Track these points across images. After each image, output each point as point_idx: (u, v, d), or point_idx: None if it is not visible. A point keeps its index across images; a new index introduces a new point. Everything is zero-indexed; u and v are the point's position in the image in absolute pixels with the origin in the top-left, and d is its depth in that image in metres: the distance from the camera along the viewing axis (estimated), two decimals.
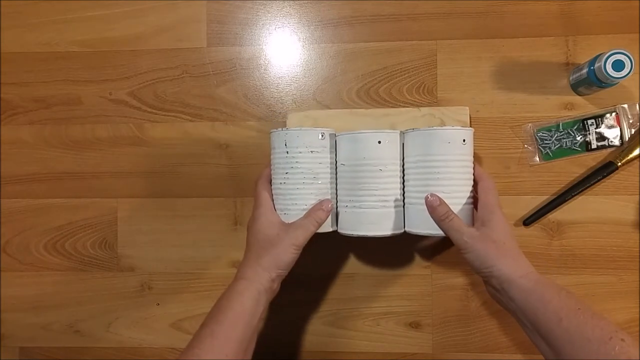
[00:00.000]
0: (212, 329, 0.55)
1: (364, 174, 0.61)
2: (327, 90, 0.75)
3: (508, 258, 0.55)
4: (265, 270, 0.58)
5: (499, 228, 0.57)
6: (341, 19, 0.75)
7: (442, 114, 0.71)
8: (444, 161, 0.59)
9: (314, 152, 0.61)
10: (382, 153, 0.61)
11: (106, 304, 0.77)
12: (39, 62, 0.78)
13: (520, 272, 0.55)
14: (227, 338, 0.55)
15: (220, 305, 0.57)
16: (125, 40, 0.77)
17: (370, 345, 0.74)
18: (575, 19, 0.73)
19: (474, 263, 0.56)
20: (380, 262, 0.74)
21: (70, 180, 0.77)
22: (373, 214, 0.61)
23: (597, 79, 0.66)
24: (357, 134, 0.61)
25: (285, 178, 0.62)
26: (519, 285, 0.54)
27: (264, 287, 0.58)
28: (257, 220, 0.61)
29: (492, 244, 0.56)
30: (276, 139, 0.62)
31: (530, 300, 0.53)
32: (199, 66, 0.76)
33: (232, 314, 0.56)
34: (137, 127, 0.77)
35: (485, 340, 0.73)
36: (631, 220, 0.71)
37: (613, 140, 0.71)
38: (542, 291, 0.53)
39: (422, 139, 0.60)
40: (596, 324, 0.50)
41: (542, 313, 0.52)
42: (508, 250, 0.56)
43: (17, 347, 0.78)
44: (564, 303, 0.52)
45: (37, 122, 0.78)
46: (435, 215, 0.58)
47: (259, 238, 0.60)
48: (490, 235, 0.56)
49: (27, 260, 0.77)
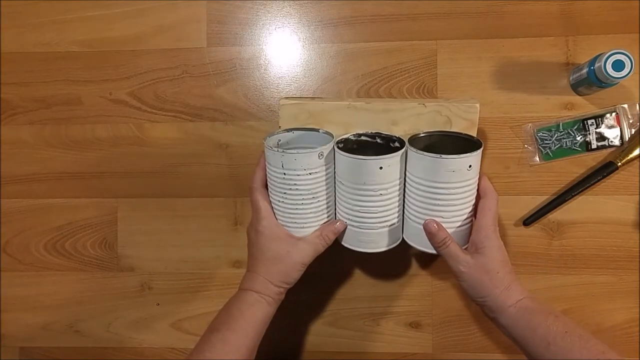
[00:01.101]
0: (224, 335, 0.56)
1: (364, 198, 0.59)
2: (327, 90, 0.75)
3: (500, 288, 0.57)
4: (276, 285, 0.60)
5: (493, 256, 0.57)
6: (341, 19, 0.75)
7: (449, 111, 0.63)
8: (446, 189, 0.57)
9: (312, 174, 0.59)
10: (382, 178, 0.58)
11: (106, 304, 0.77)
12: (39, 62, 0.78)
13: (511, 301, 0.56)
14: (239, 346, 0.57)
15: (231, 313, 0.59)
16: (125, 40, 0.77)
17: (370, 345, 0.74)
18: (575, 19, 0.73)
19: (467, 291, 0.59)
20: (380, 262, 0.74)
21: (70, 180, 0.77)
22: (373, 234, 0.61)
23: (597, 79, 0.66)
24: (358, 159, 0.57)
25: (284, 197, 0.60)
26: (508, 315, 0.56)
27: (274, 300, 0.60)
28: (262, 234, 0.60)
29: (486, 275, 0.57)
30: (272, 157, 0.59)
31: (518, 327, 0.55)
32: (199, 66, 0.76)
33: (244, 323, 0.58)
34: (137, 127, 0.77)
35: (485, 340, 0.73)
36: (631, 220, 0.71)
37: (613, 140, 0.71)
38: (530, 318, 0.55)
39: (426, 164, 0.57)
40: (583, 346, 0.52)
41: (530, 339, 0.54)
42: (500, 280, 0.57)
43: (17, 347, 0.78)
44: (551, 328, 0.53)
45: (37, 122, 0.78)
46: (434, 241, 0.59)
47: (267, 254, 0.60)
48: (484, 264, 0.57)
49: (27, 260, 0.77)
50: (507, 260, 0.58)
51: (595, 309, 0.71)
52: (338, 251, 0.74)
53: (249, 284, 0.60)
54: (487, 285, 0.56)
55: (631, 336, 0.71)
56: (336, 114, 0.64)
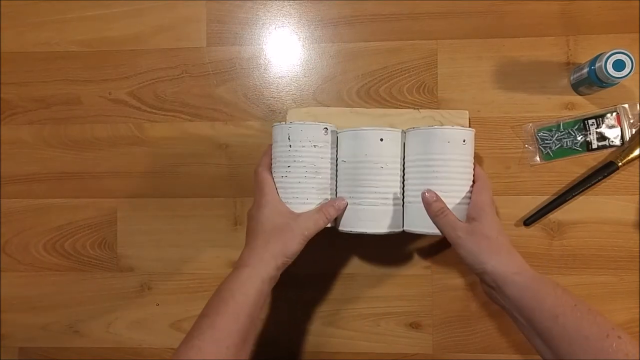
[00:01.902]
0: (213, 320, 0.54)
1: (365, 171, 0.61)
2: (327, 90, 0.75)
3: (501, 254, 0.55)
4: (273, 257, 0.57)
5: (490, 223, 0.56)
6: (341, 19, 0.75)
7: (441, 116, 0.71)
8: (443, 160, 0.59)
9: (316, 147, 0.62)
10: (383, 150, 0.61)
11: (106, 304, 0.76)
12: (39, 62, 0.78)
13: (514, 268, 0.54)
14: (229, 330, 0.53)
15: (221, 295, 0.56)
16: (124, 40, 0.77)
17: (370, 346, 0.74)
18: (575, 19, 0.72)
19: (467, 259, 0.56)
20: (380, 262, 0.74)
21: (69, 180, 0.77)
22: (372, 211, 0.61)
23: (598, 79, 0.66)
24: (360, 130, 0.62)
25: (287, 172, 0.62)
26: (513, 282, 0.53)
27: (269, 275, 0.57)
28: (264, 207, 0.60)
29: (485, 239, 0.55)
30: (279, 132, 0.62)
31: (525, 297, 0.53)
32: (198, 66, 0.76)
33: (234, 304, 0.54)
34: (137, 127, 0.77)
35: (486, 341, 0.73)
36: (632, 220, 0.71)
37: (614, 140, 0.71)
38: (538, 288, 0.53)
39: (422, 137, 0.61)
40: (593, 320, 0.50)
41: (538, 310, 0.52)
42: (501, 245, 0.56)
43: (17, 347, 0.77)
44: (560, 300, 0.51)
45: (36, 122, 0.78)
46: (431, 211, 0.58)
47: (266, 226, 0.59)
48: (481, 230, 0.56)
49: (26, 261, 0.77)
50: (504, 231, 0.57)
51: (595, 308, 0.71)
52: (338, 251, 0.74)
53: (242, 260, 0.58)
54: (486, 250, 0.55)
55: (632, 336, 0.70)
56: (339, 118, 0.70)
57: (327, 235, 0.63)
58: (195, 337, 0.53)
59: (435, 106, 0.73)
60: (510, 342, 0.72)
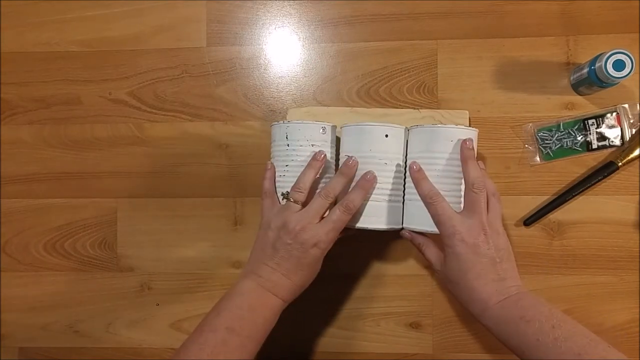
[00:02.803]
0: (242, 341, 0.55)
1: (369, 167, 0.61)
2: (327, 90, 0.75)
3: (487, 278, 0.56)
4: (300, 287, 0.61)
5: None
6: (341, 19, 0.75)
7: (441, 116, 0.71)
8: (445, 159, 0.59)
9: (314, 146, 0.62)
10: (388, 147, 0.61)
11: (106, 304, 0.76)
12: (39, 62, 0.78)
13: (496, 296, 0.55)
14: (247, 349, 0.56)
15: (254, 321, 0.57)
16: (124, 40, 0.77)
17: (371, 346, 0.74)
18: (575, 19, 0.72)
19: (453, 291, 0.59)
20: (380, 263, 0.74)
21: (69, 180, 0.77)
22: (375, 207, 0.61)
23: (598, 79, 0.66)
24: (364, 125, 0.61)
25: (285, 171, 0.62)
26: (493, 314, 0.55)
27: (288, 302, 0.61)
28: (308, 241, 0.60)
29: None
30: (277, 131, 0.63)
31: (504, 330, 0.55)
32: (198, 66, 0.76)
33: (262, 329, 0.58)
34: (137, 127, 0.77)
35: (486, 341, 0.73)
36: (632, 220, 0.71)
37: (614, 140, 0.71)
38: (518, 317, 0.54)
39: (425, 135, 0.61)
40: (572, 333, 0.51)
41: (522, 335, 0.53)
42: (487, 268, 0.56)
43: (17, 348, 0.77)
44: (538, 324, 0.52)
45: (36, 122, 0.78)
46: (419, 184, 0.59)
47: (301, 262, 0.59)
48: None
49: (26, 261, 0.77)
50: (508, 254, 0.58)
51: (596, 309, 0.71)
52: (338, 251, 0.74)
53: (275, 290, 0.59)
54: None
55: (632, 336, 0.71)
56: (339, 118, 0.69)
57: None
58: (233, 323, 0.55)
59: (435, 106, 0.73)
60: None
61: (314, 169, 0.60)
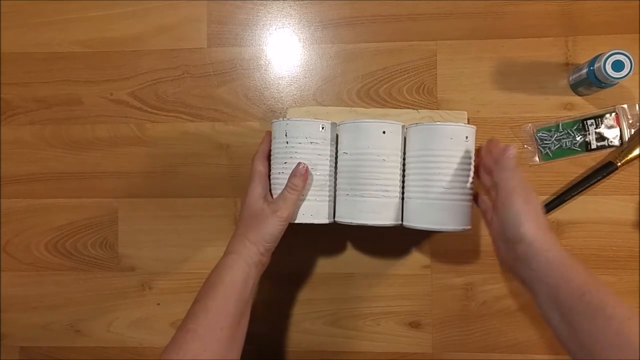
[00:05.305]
0: (206, 303, 0.56)
1: (367, 163, 0.61)
2: (327, 91, 0.75)
3: (539, 224, 0.53)
4: (253, 244, 0.59)
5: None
6: (341, 20, 0.75)
7: (440, 116, 0.71)
8: (445, 156, 0.59)
9: (313, 144, 0.62)
10: (385, 143, 0.61)
11: (106, 304, 0.77)
12: (40, 62, 0.78)
13: (547, 243, 0.53)
14: (221, 311, 0.56)
15: (211, 281, 0.58)
16: (126, 40, 0.77)
17: (370, 345, 0.74)
18: (575, 19, 0.73)
19: (508, 221, 0.54)
20: (380, 262, 0.74)
21: (70, 180, 0.77)
22: (373, 203, 0.62)
23: (597, 79, 0.66)
24: (362, 122, 0.62)
25: (284, 168, 0.62)
26: (544, 256, 0.52)
27: (253, 261, 0.59)
28: (247, 196, 0.62)
29: (527, 205, 0.54)
30: (277, 128, 0.63)
31: (553, 275, 0.51)
32: (199, 66, 0.76)
33: (223, 287, 0.57)
34: (138, 127, 0.77)
35: (485, 340, 0.73)
36: (631, 220, 0.71)
37: (613, 140, 0.71)
38: (568, 264, 0.51)
39: (424, 133, 0.61)
40: (618, 302, 0.48)
41: (564, 287, 0.50)
42: (539, 215, 0.54)
43: (17, 347, 0.78)
44: (587, 279, 0.50)
45: (37, 122, 0.78)
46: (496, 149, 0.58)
47: (245, 213, 0.61)
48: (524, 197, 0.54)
49: (27, 260, 0.78)
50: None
51: None
52: (338, 250, 0.75)
53: (229, 247, 0.60)
54: (527, 215, 0.54)
55: None
56: (338, 117, 0.69)
57: (327, 235, 0.63)
58: (189, 322, 0.55)
59: (434, 107, 0.74)
60: (510, 342, 0.72)
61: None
